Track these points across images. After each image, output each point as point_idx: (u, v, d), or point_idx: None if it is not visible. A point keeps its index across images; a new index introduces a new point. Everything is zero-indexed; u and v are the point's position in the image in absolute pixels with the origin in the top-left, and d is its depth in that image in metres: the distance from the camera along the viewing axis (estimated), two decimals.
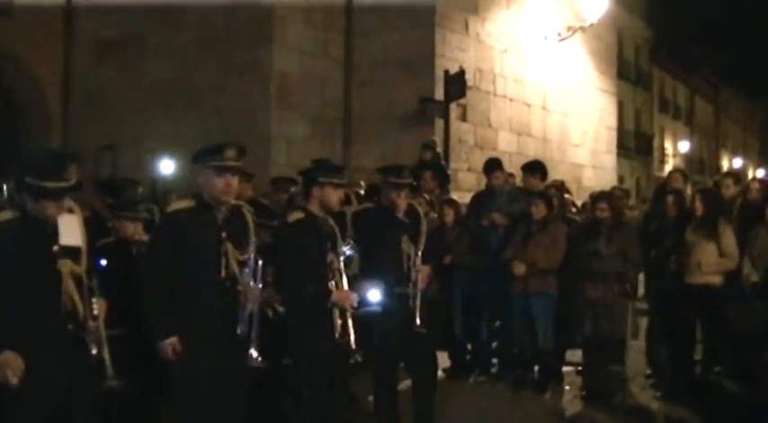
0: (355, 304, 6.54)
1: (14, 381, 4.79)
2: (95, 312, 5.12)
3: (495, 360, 10.77)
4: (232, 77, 17.13)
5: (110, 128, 18.17)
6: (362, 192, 11.79)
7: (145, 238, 6.94)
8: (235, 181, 5.73)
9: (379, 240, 7.27)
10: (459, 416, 8.28)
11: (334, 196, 6.63)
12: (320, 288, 6.41)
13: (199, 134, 14.84)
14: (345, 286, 6.56)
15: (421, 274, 7.29)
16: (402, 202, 7.35)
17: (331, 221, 6.69)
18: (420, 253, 7.32)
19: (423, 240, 7.38)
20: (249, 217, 5.91)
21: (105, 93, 18.89)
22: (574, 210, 12.84)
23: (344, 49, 18.66)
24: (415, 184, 8.34)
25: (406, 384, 7.79)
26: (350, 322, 6.48)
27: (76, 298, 5.06)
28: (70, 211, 5.19)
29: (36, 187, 4.97)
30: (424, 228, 7.46)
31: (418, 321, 7.16)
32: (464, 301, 10.39)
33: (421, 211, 7.68)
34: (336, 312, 6.44)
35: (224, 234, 5.65)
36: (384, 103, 17.89)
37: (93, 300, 5.13)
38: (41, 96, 19.69)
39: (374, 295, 7.02)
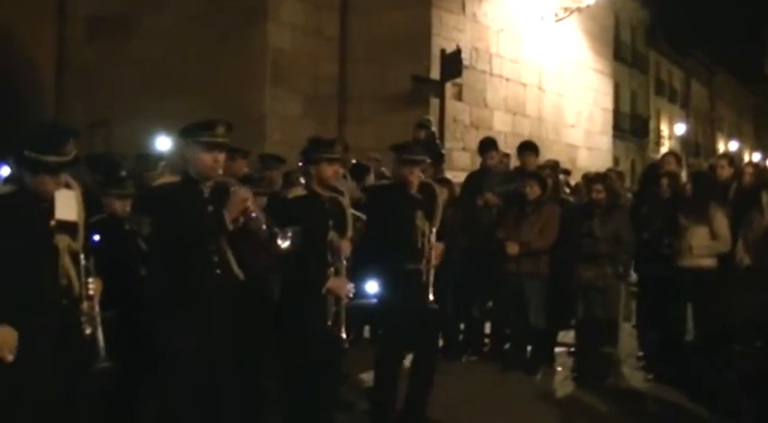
0: (351, 295, 6.52)
1: (9, 357, 4.75)
2: (90, 292, 5.07)
3: (487, 340, 10.78)
4: (226, 54, 17.02)
5: (103, 105, 18.08)
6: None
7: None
8: (222, 157, 5.69)
9: (392, 216, 7.26)
10: (450, 395, 8.26)
11: (328, 171, 6.56)
12: (318, 269, 6.39)
13: (192, 111, 14.71)
14: (344, 272, 6.53)
15: (434, 250, 7.30)
16: (414, 178, 7.34)
17: (341, 200, 6.67)
18: (434, 230, 7.33)
19: (438, 218, 7.39)
20: None
21: (98, 70, 18.78)
22: (568, 190, 12.83)
23: (339, 27, 18.59)
24: (428, 161, 8.33)
25: None
26: (343, 312, 6.46)
27: (72, 274, 5.02)
28: (68, 186, 5.14)
29: (35, 161, 4.91)
30: (439, 205, 7.47)
31: (431, 297, 7.18)
32: (456, 281, 10.36)
33: (437, 189, 7.67)
34: (331, 299, 6.42)
35: (210, 208, 5.63)
36: (379, 81, 17.82)
37: (90, 279, 5.08)
38: (35, 73, 19.61)
39: (371, 287, 7.00)
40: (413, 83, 17.36)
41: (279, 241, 5.72)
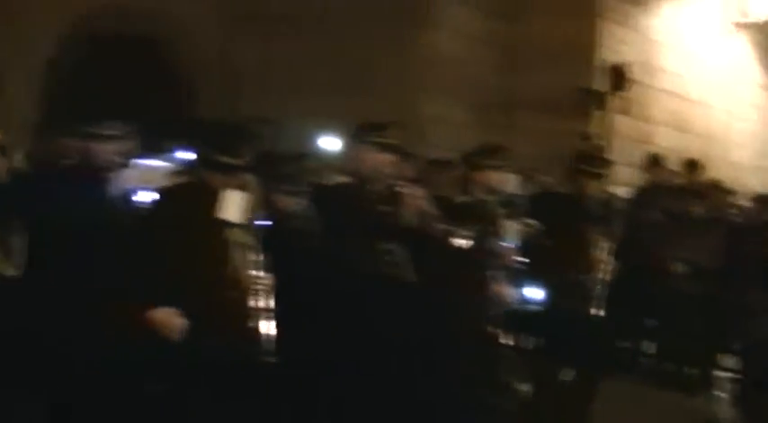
0: (512, 300, 6.49)
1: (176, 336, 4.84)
2: (260, 287, 5.12)
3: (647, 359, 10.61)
4: (389, 58, 17.08)
5: (268, 104, 18.37)
6: None
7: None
8: (393, 159, 5.76)
9: (567, 226, 7.19)
10: (607, 414, 8.12)
11: (493, 178, 6.58)
12: (478, 272, 6.36)
13: (355, 113, 14.91)
14: (506, 277, 6.49)
15: (605, 265, 7.23)
16: (593, 190, 7.28)
17: (493, 206, 6.64)
18: (607, 244, 7.24)
19: (614, 232, 7.30)
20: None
21: (264, 68, 19.14)
22: (734, 211, 12.54)
23: (504, 35, 18.53)
24: (608, 174, 8.25)
25: None
26: (504, 317, 6.42)
27: (243, 268, 5.08)
28: (243, 187, 5.21)
29: (211, 160, 5.01)
30: (616, 220, 7.39)
31: (594, 311, 7.08)
32: (618, 298, 10.18)
33: (618, 204, 7.62)
34: (493, 303, 6.37)
35: (381, 208, 5.69)
36: (541, 90, 17.64)
37: (260, 275, 5.13)
38: (204, 69, 20.09)
39: (534, 293, 6.96)
40: (577, 94, 17.19)
41: (456, 241, 5.77)
